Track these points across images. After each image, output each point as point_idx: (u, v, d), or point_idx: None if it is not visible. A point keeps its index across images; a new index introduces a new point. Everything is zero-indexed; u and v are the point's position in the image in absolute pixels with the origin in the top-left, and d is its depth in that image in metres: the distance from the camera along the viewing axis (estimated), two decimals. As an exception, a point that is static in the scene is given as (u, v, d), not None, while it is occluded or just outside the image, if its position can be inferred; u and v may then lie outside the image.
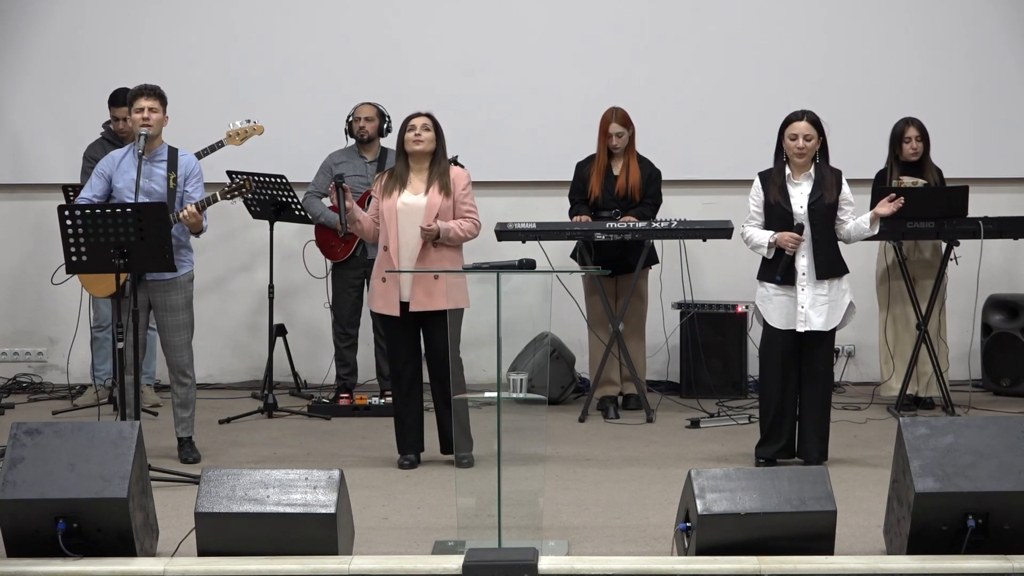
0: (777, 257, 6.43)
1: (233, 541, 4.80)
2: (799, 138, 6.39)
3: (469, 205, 6.60)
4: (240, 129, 7.50)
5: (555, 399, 8.23)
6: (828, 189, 6.40)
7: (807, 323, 6.40)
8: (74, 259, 6.07)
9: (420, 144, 6.52)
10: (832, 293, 6.43)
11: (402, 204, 6.50)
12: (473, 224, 6.59)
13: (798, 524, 4.79)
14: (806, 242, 6.41)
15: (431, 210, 6.48)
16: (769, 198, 6.46)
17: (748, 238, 6.53)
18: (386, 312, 6.54)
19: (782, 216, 6.42)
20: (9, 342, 9.17)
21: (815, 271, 6.41)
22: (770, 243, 6.42)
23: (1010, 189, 8.90)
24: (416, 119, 6.57)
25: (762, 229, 6.48)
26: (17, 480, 4.80)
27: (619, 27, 8.92)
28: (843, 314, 6.47)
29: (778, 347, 6.45)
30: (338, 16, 8.94)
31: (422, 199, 6.50)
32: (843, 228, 6.48)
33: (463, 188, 6.58)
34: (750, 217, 6.54)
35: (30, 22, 8.95)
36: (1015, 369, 8.49)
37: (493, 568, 4.70)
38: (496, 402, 5.11)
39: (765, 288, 6.50)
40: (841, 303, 6.46)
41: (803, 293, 6.41)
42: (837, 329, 6.52)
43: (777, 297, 6.46)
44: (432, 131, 6.55)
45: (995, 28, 8.89)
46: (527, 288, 5.97)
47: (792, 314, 6.42)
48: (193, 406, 6.83)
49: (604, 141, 7.92)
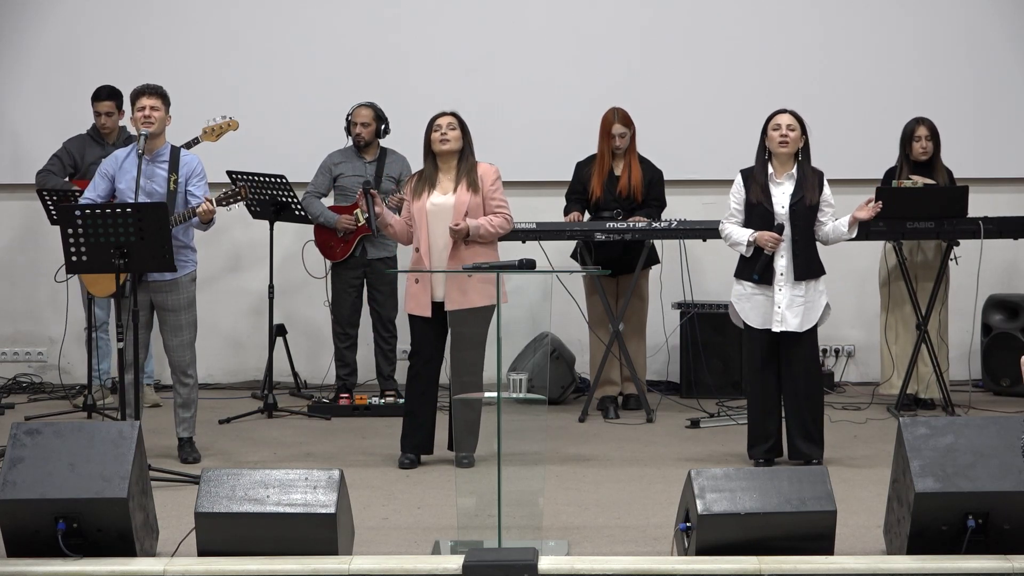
0: (755, 256, 6.43)
1: (233, 541, 4.80)
2: (783, 127, 6.40)
3: (499, 200, 6.58)
4: (216, 125, 7.48)
5: (555, 399, 8.23)
6: (810, 190, 6.41)
7: (783, 323, 6.40)
8: (74, 259, 6.07)
9: (447, 144, 6.52)
10: (809, 294, 6.43)
11: (431, 205, 6.50)
12: (504, 219, 6.58)
13: (798, 524, 4.79)
14: (786, 242, 6.41)
15: (460, 209, 6.48)
16: (751, 197, 6.46)
17: (727, 235, 6.53)
18: (418, 313, 6.53)
19: (763, 215, 6.42)
20: (9, 342, 9.17)
21: (793, 272, 6.40)
22: (749, 241, 6.42)
23: (1010, 189, 8.90)
24: (441, 119, 6.56)
25: (741, 227, 6.49)
26: (17, 480, 4.80)
27: (619, 27, 8.92)
28: (819, 315, 6.46)
29: (756, 346, 6.46)
30: (338, 16, 8.94)
31: (450, 198, 6.50)
32: (822, 229, 6.48)
33: (492, 184, 6.57)
34: (729, 214, 6.54)
35: (30, 22, 8.96)
36: (1015, 369, 8.47)
37: (493, 568, 4.71)
38: (496, 402, 5.11)
39: (742, 286, 6.51)
40: (818, 304, 6.45)
41: (780, 293, 6.41)
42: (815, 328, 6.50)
43: (754, 296, 6.46)
44: (458, 129, 6.55)
45: (995, 28, 8.89)
46: (527, 288, 5.97)
47: (768, 313, 6.42)
48: (195, 406, 6.82)
49: (606, 141, 7.91)
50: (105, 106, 8.06)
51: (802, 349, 6.45)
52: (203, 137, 7.51)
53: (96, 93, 8.11)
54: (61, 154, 8.12)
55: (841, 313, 8.61)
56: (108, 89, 8.10)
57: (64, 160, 8.09)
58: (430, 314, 6.49)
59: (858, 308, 8.82)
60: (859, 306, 8.81)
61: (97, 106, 8.08)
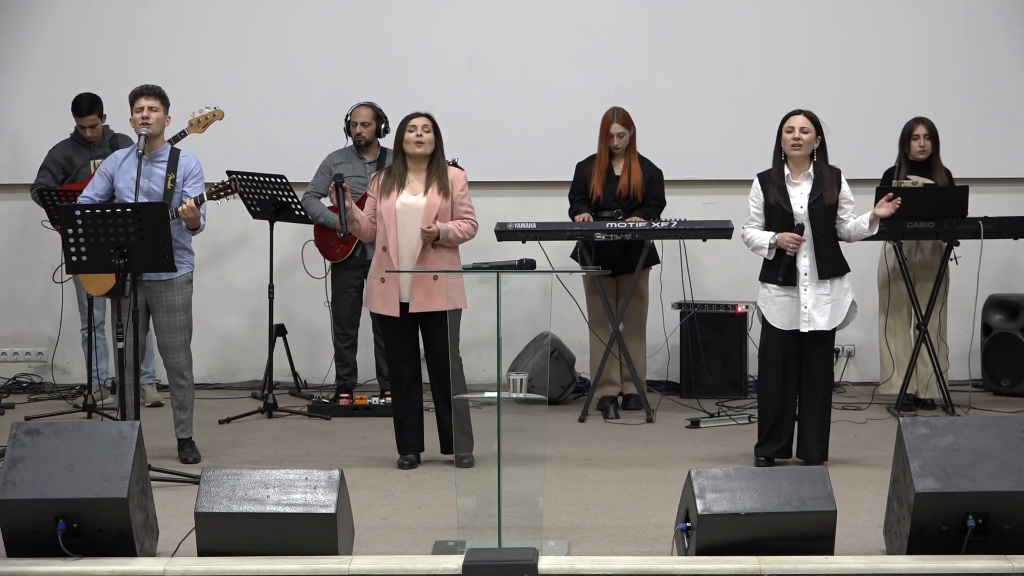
0: (778, 258, 6.43)
1: (233, 541, 4.80)
2: (796, 130, 6.40)
3: (467, 206, 6.60)
4: (201, 116, 7.44)
5: (555, 399, 8.23)
6: (828, 189, 6.41)
7: (811, 323, 6.40)
8: (74, 259, 6.08)
9: (422, 146, 6.51)
10: (835, 292, 6.44)
11: (401, 204, 6.50)
12: (471, 225, 6.59)
13: (798, 524, 4.79)
14: (807, 242, 6.41)
15: (431, 211, 6.48)
16: (769, 199, 6.46)
17: (749, 240, 6.53)
18: (385, 312, 6.53)
19: (782, 217, 6.42)
20: (9, 342, 9.17)
21: (817, 271, 6.41)
22: (771, 244, 6.42)
23: (1010, 189, 8.90)
24: (416, 119, 6.56)
25: (762, 230, 6.49)
26: (17, 480, 4.80)
27: (619, 27, 8.92)
28: (846, 313, 6.47)
29: (779, 347, 6.45)
30: (338, 16, 8.95)
31: (421, 200, 6.50)
32: (843, 227, 6.48)
33: (461, 189, 6.58)
34: (750, 219, 6.54)
35: (30, 22, 8.96)
36: (1015, 369, 8.49)
37: (493, 568, 4.70)
38: (496, 402, 5.11)
39: (767, 289, 6.50)
40: (844, 302, 6.46)
41: (806, 293, 6.41)
42: (839, 328, 6.52)
43: (779, 298, 6.46)
44: (432, 132, 6.55)
45: (995, 28, 8.89)
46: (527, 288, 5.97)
47: (795, 315, 6.42)
48: (191, 407, 6.82)
49: (605, 141, 7.92)
50: (89, 120, 8.03)
51: (824, 349, 6.46)
52: (190, 129, 7.47)
53: (76, 107, 8.04)
54: (49, 164, 8.08)
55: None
56: (88, 100, 8.03)
57: (54, 169, 8.06)
58: (398, 314, 6.49)
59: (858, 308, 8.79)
60: (859, 306, 8.77)
61: (80, 121, 8.04)
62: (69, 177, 8.04)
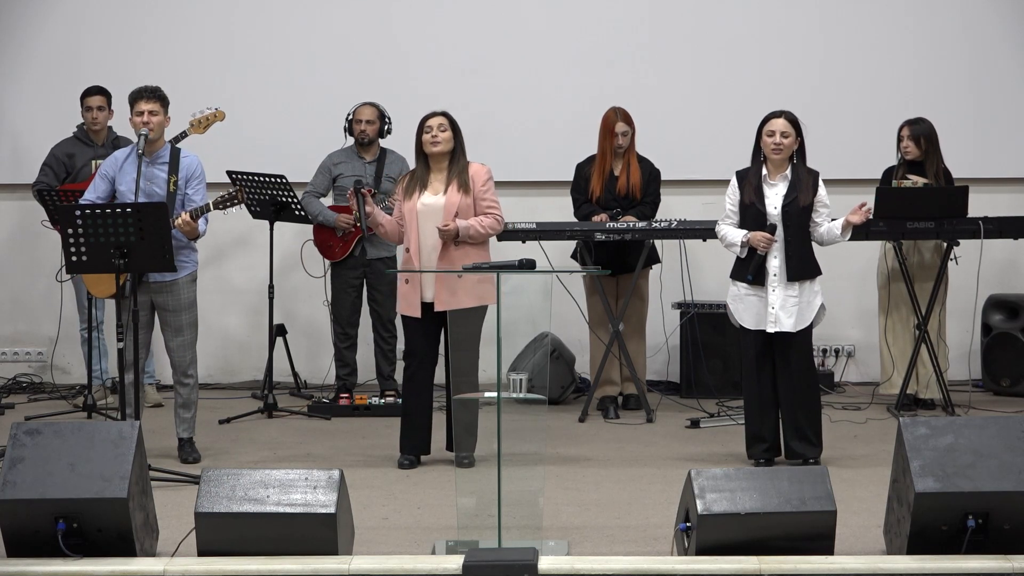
0: (749, 257, 6.45)
1: (233, 541, 4.80)
2: (776, 134, 6.41)
3: (490, 201, 6.58)
4: (203, 116, 7.44)
5: (555, 399, 8.23)
6: (804, 191, 6.41)
7: (777, 324, 6.41)
8: (74, 259, 6.08)
9: (438, 146, 6.52)
10: (804, 295, 6.43)
11: (421, 205, 6.51)
12: (495, 220, 6.58)
13: (798, 524, 4.79)
14: (778, 243, 6.42)
15: (449, 209, 6.48)
16: (744, 198, 6.48)
17: (722, 236, 6.56)
18: (407, 313, 6.54)
19: (756, 217, 6.44)
20: (9, 342, 9.17)
21: (787, 272, 6.41)
22: (743, 242, 6.43)
23: (1010, 189, 8.90)
24: (432, 119, 6.56)
25: (736, 228, 6.49)
26: (17, 480, 4.80)
27: (619, 27, 8.92)
28: (813, 315, 6.46)
29: (752, 347, 6.47)
30: (338, 16, 8.94)
31: (441, 199, 6.51)
32: (816, 231, 6.49)
33: (483, 184, 6.57)
34: (725, 215, 6.57)
35: (30, 22, 8.96)
36: (1015, 369, 8.49)
37: (493, 568, 4.70)
38: (496, 402, 5.11)
39: (737, 287, 6.52)
40: (812, 304, 6.45)
41: (773, 294, 6.42)
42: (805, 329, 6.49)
43: (748, 297, 6.47)
44: (449, 130, 6.54)
45: (995, 28, 8.89)
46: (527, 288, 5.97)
47: (763, 314, 6.43)
48: (195, 407, 6.83)
49: (608, 141, 7.91)
50: (96, 100, 8.04)
51: (796, 350, 6.45)
52: (191, 130, 7.47)
53: (85, 91, 8.12)
54: (51, 161, 8.09)
55: (841, 313, 8.63)
56: (98, 87, 8.11)
57: (55, 168, 8.07)
58: (419, 315, 6.50)
59: (858, 308, 8.81)
60: (859, 306, 8.80)
61: (88, 101, 8.07)
62: (70, 176, 8.04)
